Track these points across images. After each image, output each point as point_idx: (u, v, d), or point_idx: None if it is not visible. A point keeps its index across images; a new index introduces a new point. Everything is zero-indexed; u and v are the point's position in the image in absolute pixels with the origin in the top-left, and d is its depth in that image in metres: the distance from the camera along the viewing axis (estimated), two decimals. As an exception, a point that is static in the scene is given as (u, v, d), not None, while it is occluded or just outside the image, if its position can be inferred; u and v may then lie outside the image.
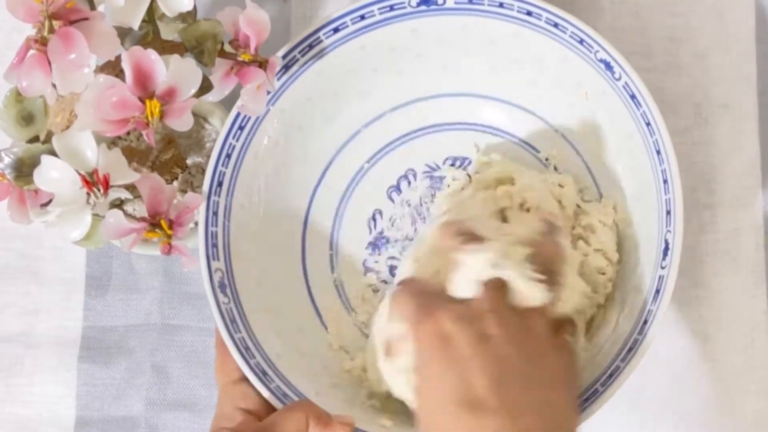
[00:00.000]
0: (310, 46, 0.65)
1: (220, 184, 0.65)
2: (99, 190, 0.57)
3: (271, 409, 0.61)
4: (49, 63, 0.54)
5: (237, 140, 0.65)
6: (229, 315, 0.63)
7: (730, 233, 0.70)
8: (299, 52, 0.65)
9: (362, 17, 0.65)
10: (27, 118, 0.60)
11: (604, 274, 0.64)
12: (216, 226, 0.64)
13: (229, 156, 0.65)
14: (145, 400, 0.72)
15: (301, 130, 0.69)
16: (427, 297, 0.58)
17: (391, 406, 0.66)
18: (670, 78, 0.72)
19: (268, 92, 0.64)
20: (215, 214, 0.64)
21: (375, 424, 0.64)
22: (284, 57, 0.65)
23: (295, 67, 0.66)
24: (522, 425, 0.52)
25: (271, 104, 0.66)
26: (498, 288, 0.57)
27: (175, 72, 0.56)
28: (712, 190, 0.71)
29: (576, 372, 0.58)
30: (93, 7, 0.57)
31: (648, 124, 0.61)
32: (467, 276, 0.58)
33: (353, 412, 0.62)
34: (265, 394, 0.62)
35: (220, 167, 0.65)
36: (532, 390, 0.53)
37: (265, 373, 0.62)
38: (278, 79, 0.66)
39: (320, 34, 0.65)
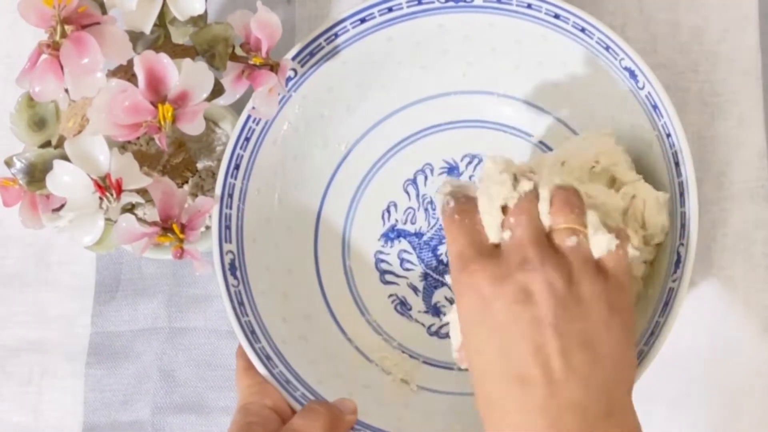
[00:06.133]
0: (336, 35, 0.66)
1: (237, 166, 0.65)
2: (112, 195, 0.57)
3: (293, 410, 0.61)
4: (62, 68, 0.54)
5: (257, 124, 0.66)
6: (237, 298, 0.63)
7: (738, 227, 0.70)
8: (325, 40, 0.66)
9: (390, 9, 0.65)
10: (39, 123, 0.60)
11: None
12: (231, 208, 0.65)
13: (248, 139, 0.65)
14: (152, 404, 0.72)
15: (322, 118, 0.69)
16: (468, 243, 0.54)
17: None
18: (675, 72, 0.72)
19: (291, 78, 0.65)
20: (230, 196, 0.65)
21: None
22: (310, 44, 0.65)
23: (319, 55, 0.66)
24: (565, 395, 0.50)
25: (293, 90, 0.66)
26: (529, 221, 0.54)
27: (187, 76, 0.56)
28: (719, 184, 0.71)
29: (629, 322, 0.54)
30: (105, 12, 0.57)
31: (668, 135, 0.61)
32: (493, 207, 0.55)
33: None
34: (268, 378, 0.62)
35: (238, 150, 0.65)
36: (575, 353, 0.51)
37: (269, 358, 0.63)
38: (302, 66, 0.66)
39: (347, 23, 0.65)
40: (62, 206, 0.58)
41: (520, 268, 0.52)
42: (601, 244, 0.53)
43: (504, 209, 0.55)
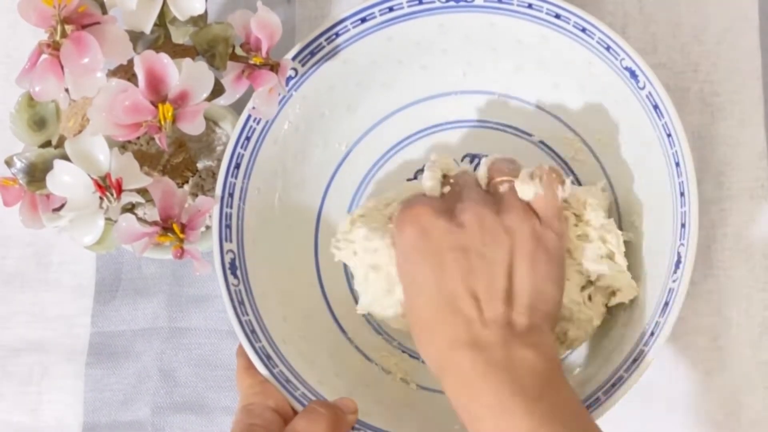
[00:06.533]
0: (337, 34, 0.66)
1: (237, 165, 0.65)
2: (112, 195, 0.57)
3: (294, 410, 0.61)
4: (62, 67, 0.54)
5: (258, 123, 0.66)
6: (237, 297, 0.63)
7: (738, 227, 0.70)
8: (326, 40, 0.66)
9: (390, 9, 0.65)
10: (39, 123, 0.60)
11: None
12: (231, 207, 0.65)
13: (248, 138, 0.65)
14: (152, 404, 0.72)
15: (322, 117, 0.69)
16: (414, 195, 0.63)
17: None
18: (675, 72, 0.72)
19: (292, 77, 0.65)
20: (231, 195, 0.65)
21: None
22: (310, 43, 0.65)
23: (320, 54, 0.66)
24: (490, 314, 0.57)
25: (294, 89, 0.66)
26: (467, 176, 0.63)
27: (187, 76, 0.56)
28: (719, 183, 0.71)
29: (556, 258, 0.60)
30: (105, 12, 0.57)
31: (669, 135, 0.61)
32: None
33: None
34: (268, 378, 0.62)
35: (239, 149, 0.65)
36: (499, 280, 0.58)
37: (269, 357, 0.63)
38: (303, 65, 0.66)
39: (347, 23, 0.65)
40: (62, 206, 0.58)
41: (457, 203, 0.60)
42: (527, 191, 0.60)
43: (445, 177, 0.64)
